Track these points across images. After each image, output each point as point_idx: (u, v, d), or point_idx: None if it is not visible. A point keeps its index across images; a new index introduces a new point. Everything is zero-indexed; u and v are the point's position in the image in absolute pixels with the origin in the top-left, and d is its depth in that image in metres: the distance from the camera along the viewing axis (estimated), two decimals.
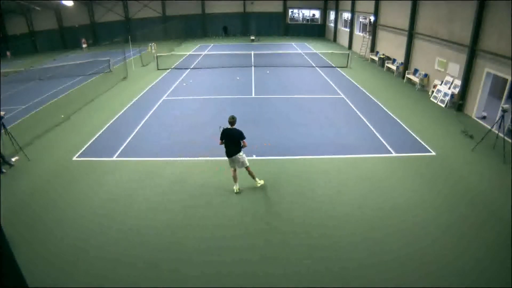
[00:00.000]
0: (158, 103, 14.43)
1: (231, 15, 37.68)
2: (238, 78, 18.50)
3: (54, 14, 34.67)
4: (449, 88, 13.66)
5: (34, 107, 14.86)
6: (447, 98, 13.47)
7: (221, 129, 7.28)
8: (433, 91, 14.71)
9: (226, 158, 7.49)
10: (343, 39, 30.86)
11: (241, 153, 7.41)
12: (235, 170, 7.65)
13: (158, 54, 23.02)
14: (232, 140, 7.29)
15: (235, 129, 7.26)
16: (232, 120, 7.24)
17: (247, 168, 7.63)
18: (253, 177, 7.79)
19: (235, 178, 7.71)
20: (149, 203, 7.45)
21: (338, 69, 20.68)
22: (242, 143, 7.34)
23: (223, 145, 7.43)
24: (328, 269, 5.55)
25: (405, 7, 17.61)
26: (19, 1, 29.31)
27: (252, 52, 25.79)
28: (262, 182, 7.92)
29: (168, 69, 21.32)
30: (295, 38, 36.11)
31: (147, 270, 5.60)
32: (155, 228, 6.64)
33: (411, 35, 17.27)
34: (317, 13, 38.28)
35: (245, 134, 7.25)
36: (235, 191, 7.71)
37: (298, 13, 38.92)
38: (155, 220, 6.88)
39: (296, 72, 19.77)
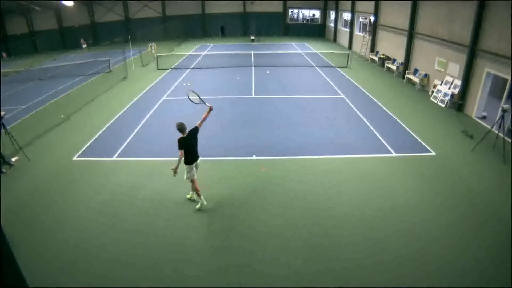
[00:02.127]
0: (158, 103, 14.43)
1: (231, 15, 37.68)
2: (238, 78, 18.50)
3: (54, 14, 34.67)
4: (449, 88, 13.66)
5: (34, 107, 14.85)
6: (447, 98, 13.47)
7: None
8: (433, 91, 14.71)
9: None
10: (343, 39, 30.85)
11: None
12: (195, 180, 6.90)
13: (158, 54, 23.01)
14: (194, 144, 6.73)
15: (191, 131, 6.60)
16: (182, 127, 6.45)
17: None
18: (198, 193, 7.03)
19: (198, 191, 6.98)
20: (149, 203, 7.44)
21: (338, 69, 20.68)
22: (202, 121, 6.77)
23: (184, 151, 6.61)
24: (328, 269, 5.55)
25: (405, 7, 17.61)
26: (19, 1, 29.31)
27: (252, 52, 25.79)
28: (205, 202, 7.11)
29: (168, 69, 21.32)
30: (295, 38, 36.10)
31: (147, 270, 5.60)
32: (155, 228, 6.64)
33: (411, 35, 17.26)
34: (317, 13, 38.28)
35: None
36: (201, 205, 7.08)
37: (298, 13, 38.92)
38: (155, 219, 6.88)
39: (296, 72, 19.76)
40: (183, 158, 6.60)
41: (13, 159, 9.48)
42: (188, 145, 6.57)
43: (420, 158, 9.26)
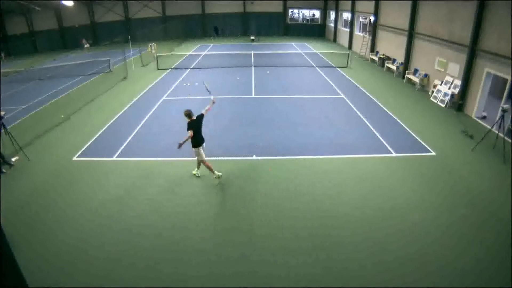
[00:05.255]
0: (158, 103, 14.43)
1: (231, 15, 37.68)
2: (238, 78, 18.50)
3: (54, 14, 34.66)
4: (449, 88, 13.66)
5: (34, 107, 14.85)
6: (447, 98, 13.47)
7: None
8: (433, 91, 14.71)
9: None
10: (343, 39, 30.85)
11: None
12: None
13: (158, 54, 23.01)
14: (200, 127, 7.85)
15: (198, 116, 7.76)
16: (189, 113, 7.67)
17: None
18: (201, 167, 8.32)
19: (210, 168, 8.07)
20: (149, 203, 7.45)
21: (338, 69, 20.67)
22: (207, 110, 8.04)
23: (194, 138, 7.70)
24: (328, 269, 5.55)
25: (405, 7, 17.60)
26: (19, 1, 29.30)
27: (252, 52, 25.78)
28: (220, 173, 8.23)
29: (168, 69, 21.32)
30: (295, 38, 36.09)
31: (147, 270, 5.60)
32: (155, 228, 6.64)
33: (411, 35, 17.26)
34: (317, 13, 38.27)
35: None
36: (218, 176, 8.15)
37: (298, 13, 38.90)
38: (155, 220, 6.88)
39: (296, 72, 19.76)
40: (192, 142, 7.70)
41: (13, 159, 9.48)
42: (196, 127, 7.69)
43: (420, 158, 9.25)
